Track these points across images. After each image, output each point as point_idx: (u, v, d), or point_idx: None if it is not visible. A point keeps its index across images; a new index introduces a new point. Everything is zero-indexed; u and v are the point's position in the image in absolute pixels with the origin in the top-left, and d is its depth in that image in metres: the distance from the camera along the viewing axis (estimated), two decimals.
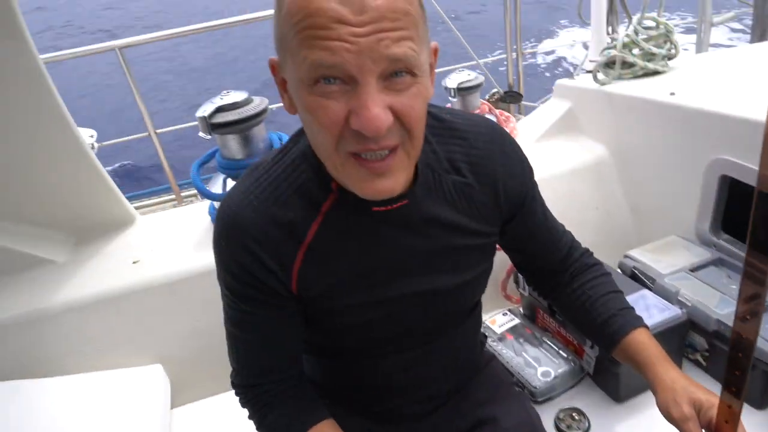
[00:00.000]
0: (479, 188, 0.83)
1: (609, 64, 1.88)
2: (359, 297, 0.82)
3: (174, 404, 1.60)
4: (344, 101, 0.60)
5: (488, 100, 2.84)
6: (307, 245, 0.77)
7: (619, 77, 1.86)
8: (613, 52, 1.84)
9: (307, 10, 0.57)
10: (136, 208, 2.63)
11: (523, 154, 0.90)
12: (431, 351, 0.94)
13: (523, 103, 2.89)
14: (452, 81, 1.91)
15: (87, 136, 2.28)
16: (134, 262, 1.61)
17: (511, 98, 2.73)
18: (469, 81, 1.90)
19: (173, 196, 2.59)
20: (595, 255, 1.05)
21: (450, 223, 0.82)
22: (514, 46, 2.83)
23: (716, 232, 1.48)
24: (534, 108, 2.63)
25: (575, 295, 0.99)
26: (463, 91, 1.90)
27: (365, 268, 0.80)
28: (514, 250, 1.01)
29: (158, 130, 2.49)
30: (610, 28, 3.18)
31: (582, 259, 1.02)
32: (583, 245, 1.05)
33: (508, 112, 2.84)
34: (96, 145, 2.36)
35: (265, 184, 0.77)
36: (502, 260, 1.02)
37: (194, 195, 2.90)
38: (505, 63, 2.89)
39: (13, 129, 1.51)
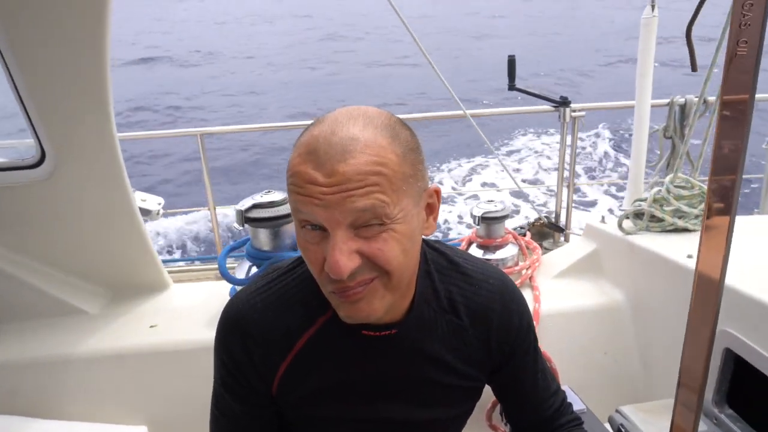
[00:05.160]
0: (473, 333, 0.87)
1: (639, 215, 1.89)
2: (332, 411, 0.85)
3: None
4: (321, 247, 0.69)
5: (533, 226, 2.88)
6: (295, 353, 0.83)
7: (647, 229, 1.85)
8: (643, 204, 1.86)
9: (293, 170, 0.69)
10: (182, 271, 2.85)
11: (528, 314, 0.93)
12: None
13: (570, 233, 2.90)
14: (478, 210, 1.98)
15: (155, 203, 2.55)
16: (151, 326, 1.75)
17: (554, 228, 2.75)
18: (495, 212, 1.96)
19: (216, 266, 2.79)
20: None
21: (436, 359, 0.85)
22: (567, 181, 2.89)
23: (720, 406, 1.39)
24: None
25: None
26: (487, 220, 1.96)
27: (344, 385, 0.84)
28: (499, 396, 1.02)
29: (218, 207, 2.74)
30: (668, 165, 3.16)
31: (568, 426, 1.00)
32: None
33: (553, 238, 2.87)
34: (162, 211, 2.63)
35: (274, 289, 0.85)
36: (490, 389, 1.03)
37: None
38: (554, 192, 2.93)
39: (77, 184, 1.74)
